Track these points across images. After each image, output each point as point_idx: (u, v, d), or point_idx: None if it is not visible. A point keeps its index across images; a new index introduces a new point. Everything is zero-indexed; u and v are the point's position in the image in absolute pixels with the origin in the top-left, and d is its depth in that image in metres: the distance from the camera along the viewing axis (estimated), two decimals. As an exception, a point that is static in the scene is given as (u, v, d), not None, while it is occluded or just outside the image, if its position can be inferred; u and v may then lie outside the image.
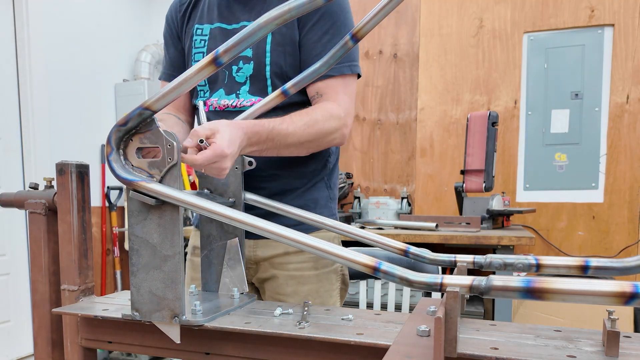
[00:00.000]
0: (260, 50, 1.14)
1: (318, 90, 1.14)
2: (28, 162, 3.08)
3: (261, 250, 1.19)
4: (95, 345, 0.93)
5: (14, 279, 3.07)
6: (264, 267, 1.21)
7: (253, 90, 1.16)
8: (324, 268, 1.20)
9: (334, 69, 1.11)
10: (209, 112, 1.20)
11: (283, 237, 0.71)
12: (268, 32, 0.72)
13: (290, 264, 1.18)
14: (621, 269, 0.71)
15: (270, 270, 1.19)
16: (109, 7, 3.61)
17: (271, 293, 1.20)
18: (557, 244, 2.96)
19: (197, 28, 1.21)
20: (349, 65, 1.15)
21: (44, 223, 0.98)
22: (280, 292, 1.18)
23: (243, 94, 1.17)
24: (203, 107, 1.21)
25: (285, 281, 1.18)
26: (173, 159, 0.77)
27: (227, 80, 1.18)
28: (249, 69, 1.15)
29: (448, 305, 0.57)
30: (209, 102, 1.20)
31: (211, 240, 1.02)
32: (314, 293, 1.18)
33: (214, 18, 1.19)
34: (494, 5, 3.01)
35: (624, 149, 2.83)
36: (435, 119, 3.18)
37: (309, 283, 1.18)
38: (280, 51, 1.13)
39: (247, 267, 1.21)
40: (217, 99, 1.19)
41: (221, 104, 1.18)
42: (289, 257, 1.18)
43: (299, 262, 1.18)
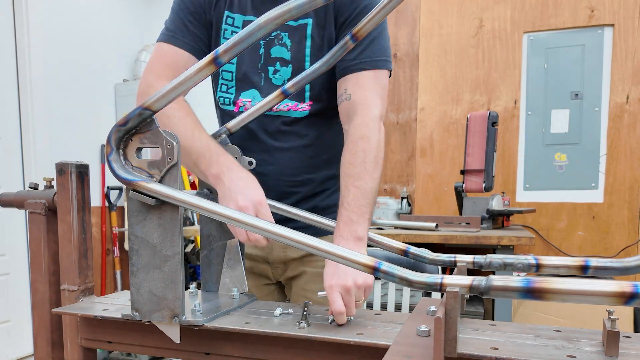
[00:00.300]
0: (300, 54, 1.10)
1: (347, 88, 1.07)
2: (28, 162, 3.08)
3: (292, 251, 1.21)
4: (95, 345, 0.93)
5: (13, 279, 3.07)
6: (293, 266, 1.22)
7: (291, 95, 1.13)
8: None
9: (368, 62, 1.05)
10: (238, 112, 1.15)
11: (283, 237, 0.71)
12: (268, 32, 0.72)
13: (318, 261, 1.18)
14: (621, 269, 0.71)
15: (300, 268, 1.21)
16: (109, 7, 3.61)
17: (297, 289, 1.22)
18: (557, 244, 2.96)
19: (228, 16, 1.13)
20: (385, 60, 1.08)
21: (43, 223, 0.98)
22: (306, 288, 1.20)
23: None
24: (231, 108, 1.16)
25: (313, 278, 1.19)
26: (173, 158, 0.77)
27: (264, 82, 1.13)
28: (287, 72, 1.12)
29: (448, 305, 0.57)
30: (239, 102, 1.16)
31: (211, 240, 1.02)
32: None
33: (247, 10, 1.12)
34: (493, 5, 3.01)
35: (624, 149, 2.83)
36: (435, 119, 3.18)
37: None
38: (320, 56, 1.07)
39: (275, 267, 1.23)
40: (250, 100, 1.14)
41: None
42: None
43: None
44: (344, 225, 0.93)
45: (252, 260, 1.24)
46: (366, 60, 1.06)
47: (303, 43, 1.10)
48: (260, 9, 1.12)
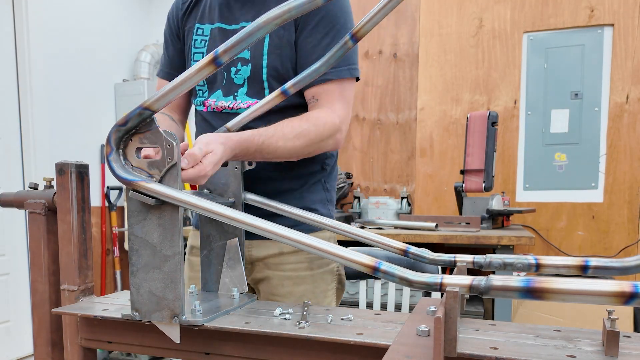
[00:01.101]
0: (258, 52, 1.13)
1: (314, 95, 1.13)
2: (28, 162, 3.08)
3: (256, 250, 1.19)
4: (95, 345, 0.93)
5: (14, 279, 3.07)
6: (258, 268, 1.20)
7: (250, 92, 1.15)
8: (319, 268, 1.19)
9: (332, 72, 1.09)
10: (206, 112, 1.20)
11: (283, 237, 0.71)
12: (267, 32, 0.72)
13: (285, 264, 1.17)
14: (621, 268, 0.71)
15: (265, 271, 1.19)
16: (108, 7, 3.61)
17: (266, 294, 1.20)
18: (557, 244, 2.96)
19: (198, 27, 1.20)
20: (348, 68, 1.13)
21: (43, 223, 0.98)
22: (274, 293, 1.18)
23: (240, 95, 1.16)
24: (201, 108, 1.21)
25: (280, 282, 1.17)
26: (173, 159, 0.77)
27: (226, 81, 1.17)
28: (246, 71, 1.15)
29: (448, 305, 0.57)
30: (207, 103, 1.20)
31: (211, 240, 1.02)
32: (309, 293, 1.18)
33: (215, 18, 1.18)
34: (493, 5, 3.01)
35: (624, 149, 2.83)
36: (435, 118, 3.18)
37: (304, 283, 1.18)
38: (277, 54, 1.12)
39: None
40: (214, 100, 1.19)
41: (219, 106, 1.18)
42: (284, 257, 1.17)
43: (294, 263, 1.17)
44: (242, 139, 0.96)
45: None
46: (331, 70, 1.08)
47: (261, 42, 1.12)
48: (226, 16, 1.17)
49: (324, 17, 1.10)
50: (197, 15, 1.22)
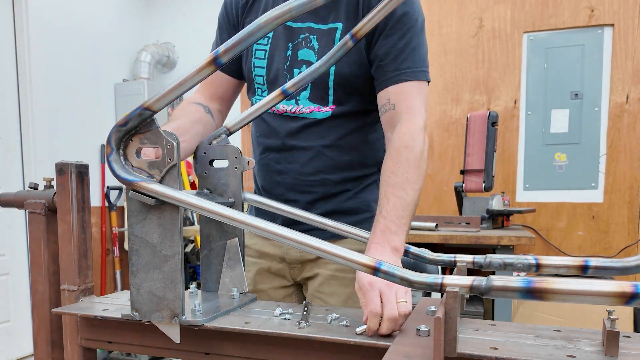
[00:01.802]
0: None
1: (390, 98, 1.06)
2: (28, 162, 3.08)
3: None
4: (95, 345, 0.93)
5: (14, 279, 3.07)
6: (309, 267, 1.21)
7: (313, 97, 1.12)
8: None
9: (409, 72, 1.04)
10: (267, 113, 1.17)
11: (283, 237, 0.71)
12: (268, 32, 0.72)
13: (333, 264, 1.16)
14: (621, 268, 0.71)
15: (314, 269, 1.19)
16: (108, 7, 3.61)
17: (312, 291, 1.20)
18: (557, 244, 2.96)
19: None
20: (424, 70, 1.07)
21: (43, 223, 0.98)
22: (321, 290, 1.18)
23: (303, 100, 1.13)
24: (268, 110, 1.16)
25: (328, 280, 1.17)
26: (173, 159, 0.77)
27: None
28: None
29: (448, 305, 0.57)
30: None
31: (211, 240, 1.02)
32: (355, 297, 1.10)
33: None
34: (493, 5, 3.01)
35: (624, 149, 2.83)
36: (435, 118, 3.18)
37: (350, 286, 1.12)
38: (345, 60, 1.06)
39: (293, 267, 1.22)
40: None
41: (280, 109, 1.15)
42: None
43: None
44: (381, 233, 0.90)
45: (269, 259, 1.23)
46: (407, 71, 1.05)
47: (330, 47, 1.07)
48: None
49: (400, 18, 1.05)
50: (259, 8, 1.15)
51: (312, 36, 1.11)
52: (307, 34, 1.11)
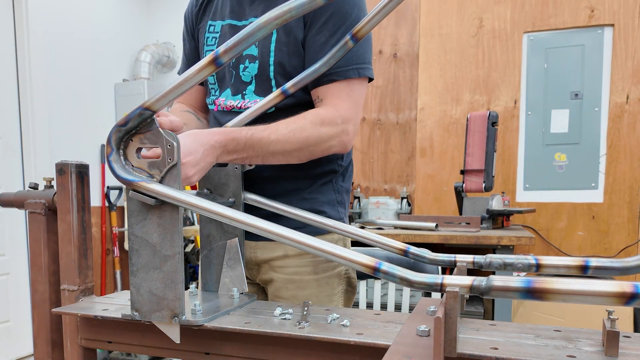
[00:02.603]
0: (265, 49, 1.10)
1: (319, 95, 1.08)
2: (28, 162, 3.08)
3: (261, 252, 1.17)
4: (95, 345, 0.93)
5: (14, 279, 3.07)
6: (264, 269, 1.19)
7: (258, 90, 1.12)
8: (324, 272, 1.16)
9: (339, 72, 1.05)
10: (217, 111, 1.18)
11: (283, 237, 0.71)
12: (268, 32, 0.72)
13: (289, 268, 1.15)
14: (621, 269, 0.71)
15: (270, 273, 1.18)
16: (108, 7, 3.61)
17: (271, 296, 1.19)
18: (557, 244, 2.96)
19: (210, 25, 1.18)
20: (357, 68, 1.06)
21: (43, 223, 0.98)
22: (279, 296, 1.17)
23: (249, 94, 1.14)
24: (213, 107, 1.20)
25: (284, 285, 1.16)
26: (173, 159, 0.77)
27: (234, 80, 1.15)
28: (254, 69, 1.12)
29: (448, 305, 0.57)
30: (217, 102, 1.18)
31: (211, 240, 1.02)
32: (313, 298, 1.15)
33: (226, 14, 1.16)
34: (493, 5, 3.01)
35: (624, 149, 2.84)
36: (435, 119, 3.18)
37: (308, 288, 1.15)
38: (284, 51, 1.08)
39: (250, 267, 1.20)
40: (224, 99, 1.16)
41: (227, 105, 1.15)
42: (288, 260, 1.15)
43: (297, 266, 1.15)
44: (215, 131, 0.93)
45: None
46: (337, 70, 1.04)
47: (269, 38, 1.09)
48: (237, 11, 1.15)
49: (334, 13, 1.04)
50: (210, 12, 1.20)
51: None
52: None
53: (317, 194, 1.17)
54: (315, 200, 1.16)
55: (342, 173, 1.22)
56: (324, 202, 1.18)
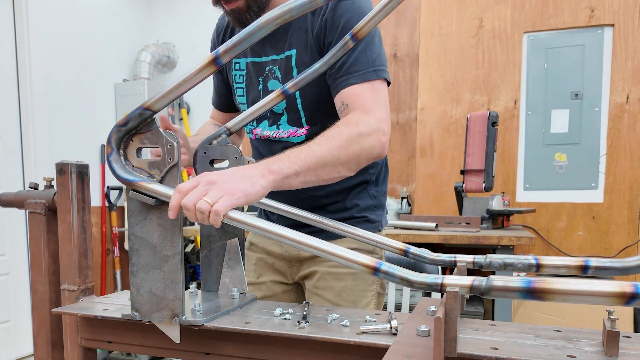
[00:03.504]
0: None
1: (343, 100, 1.06)
2: (28, 162, 3.08)
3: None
4: (95, 345, 0.93)
5: (14, 279, 3.07)
6: (307, 264, 1.26)
7: (290, 121, 1.20)
8: None
9: (357, 75, 1.04)
10: (255, 140, 1.28)
11: (283, 237, 0.71)
12: (268, 32, 0.72)
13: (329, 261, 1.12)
14: (621, 269, 0.71)
15: (312, 267, 1.25)
16: (109, 7, 3.61)
17: (310, 287, 1.26)
18: (557, 244, 2.96)
19: (235, 62, 1.25)
20: (375, 70, 1.06)
21: (43, 223, 0.98)
22: (317, 286, 1.23)
23: (283, 124, 1.21)
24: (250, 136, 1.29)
25: (323, 276, 1.22)
26: (173, 159, 0.77)
27: (270, 113, 1.22)
28: (283, 103, 1.17)
29: (448, 305, 0.57)
30: (254, 132, 1.26)
31: (211, 240, 1.02)
32: (348, 290, 1.21)
33: (247, 52, 1.22)
34: (494, 5, 3.01)
35: (624, 149, 2.83)
36: (435, 119, 3.18)
37: (344, 280, 1.21)
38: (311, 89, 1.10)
39: (292, 265, 1.29)
40: (261, 130, 1.25)
41: (264, 135, 1.24)
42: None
43: None
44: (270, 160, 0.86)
45: (273, 256, 1.31)
46: (355, 74, 1.05)
47: (290, 74, 1.15)
48: (257, 50, 1.21)
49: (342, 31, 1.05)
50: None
51: (274, 67, 1.19)
52: (271, 67, 1.19)
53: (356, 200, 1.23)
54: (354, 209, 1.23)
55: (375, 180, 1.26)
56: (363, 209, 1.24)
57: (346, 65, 1.05)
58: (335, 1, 1.04)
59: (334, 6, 1.06)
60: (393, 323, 0.75)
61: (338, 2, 1.06)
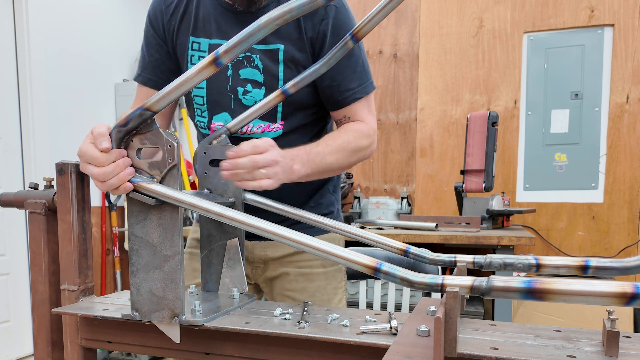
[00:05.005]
0: (273, 78, 1.11)
1: (346, 114, 1.16)
2: (28, 162, 3.08)
3: (272, 251, 1.22)
4: (95, 345, 0.93)
5: (14, 279, 3.07)
6: (273, 266, 1.24)
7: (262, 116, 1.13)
8: (331, 266, 1.24)
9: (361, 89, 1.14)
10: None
11: (283, 237, 0.71)
12: (268, 32, 0.72)
13: (301, 262, 1.21)
14: (621, 269, 0.71)
15: (280, 269, 1.23)
16: (108, 7, 3.61)
17: (280, 290, 1.23)
18: (557, 244, 2.96)
19: (194, 42, 1.14)
20: (370, 82, 1.17)
21: (43, 223, 0.98)
22: (289, 288, 1.22)
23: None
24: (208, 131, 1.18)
25: (295, 277, 1.21)
26: (173, 159, 0.77)
27: (234, 104, 1.14)
28: (259, 94, 1.12)
29: (448, 305, 0.57)
30: (212, 126, 1.17)
31: (211, 240, 1.02)
32: (321, 289, 1.22)
33: (212, 33, 1.13)
34: (494, 5, 3.01)
35: (624, 149, 2.84)
36: (435, 119, 3.18)
37: (317, 280, 1.22)
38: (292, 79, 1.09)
39: (255, 266, 1.25)
40: (222, 124, 1.15)
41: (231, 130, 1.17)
42: (300, 255, 1.22)
43: (308, 260, 1.22)
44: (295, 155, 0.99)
45: None
46: (357, 89, 1.14)
47: (275, 68, 1.11)
48: (227, 32, 1.12)
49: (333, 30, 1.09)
50: (188, 25, 1.14)
51: (254, 56, 1.12)
52: (248, 54, 1.12)
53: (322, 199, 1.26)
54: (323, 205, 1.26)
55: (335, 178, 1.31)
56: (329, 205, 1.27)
57: (349, 79, 1.13)
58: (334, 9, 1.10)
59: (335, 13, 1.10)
60: (393, 323, 0.75)
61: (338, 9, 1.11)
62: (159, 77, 1.19)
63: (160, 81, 1.19)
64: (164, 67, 1.19)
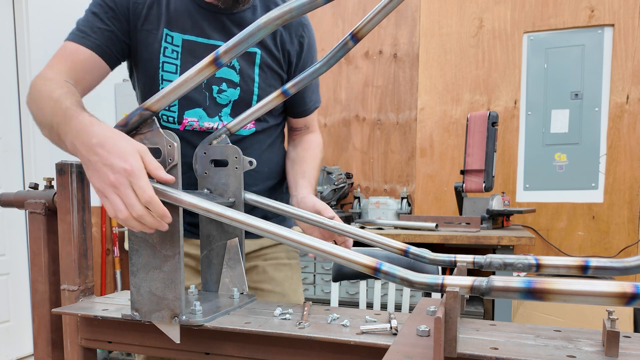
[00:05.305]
0: (248, 78, 1.16)
1: (306, 123, 1.34)
2: (28, 162, 3.08)
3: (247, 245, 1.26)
4: (95, 345, 0.93)
5: (14, 279, 3.07)
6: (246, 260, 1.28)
7: (234, 113, 1.17)
8: (294, 259, 1.34)
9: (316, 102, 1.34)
10: (184, 131, 1.15)
11: (284, 237, 0.71)
12: (269, 33, 0.72)
13: (267, 255, 1.29)
14: (621, 269, 0.71)
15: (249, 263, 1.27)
16: (108, 7, 3.61)
17: (251, 282, 1.26)
18: (557, 244, 2.96)
19: (167, 34, 1.12)
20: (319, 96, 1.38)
21: (43, 223, 0.98)
22: (258, 280, 1.26)
23: (225, 116, 1.17)
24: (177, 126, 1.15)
25: (264, 269, 1.28)
26: (173, 159, 0.77)
27: (209, 101, 1.15)
28: (233, 94, 1.16)
29: (448, 305, 0.57)
30: (185, 122, 1.15)
31: (211, 240, 1.02)
32: (289, 279, 1.30)
33: (187, 28, 1.12)
34: (494, 5, 3.01)
35: (624, 149, 2.84)
36: (435, 119, 3.18)
37: (284, 270, 1.30)
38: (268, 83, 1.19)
39: None
40: (197, 120, 1.15)
41: (204, 126, 1.16)
42: (266, 249, 1.29)
43: (274, 252, 1.29)
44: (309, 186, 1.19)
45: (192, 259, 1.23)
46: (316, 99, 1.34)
47: (251, 69, 1.16)
48: (204, 30, 1.12)
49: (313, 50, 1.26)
50: (160, 16, 1.12)
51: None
52: None
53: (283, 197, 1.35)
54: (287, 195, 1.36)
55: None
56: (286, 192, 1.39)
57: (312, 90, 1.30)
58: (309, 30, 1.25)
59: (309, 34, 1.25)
60: (393, 323, 0.75)
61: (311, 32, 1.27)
62: (109, 48, 1.13)
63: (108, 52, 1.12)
64: (116, 41, 1.14)
